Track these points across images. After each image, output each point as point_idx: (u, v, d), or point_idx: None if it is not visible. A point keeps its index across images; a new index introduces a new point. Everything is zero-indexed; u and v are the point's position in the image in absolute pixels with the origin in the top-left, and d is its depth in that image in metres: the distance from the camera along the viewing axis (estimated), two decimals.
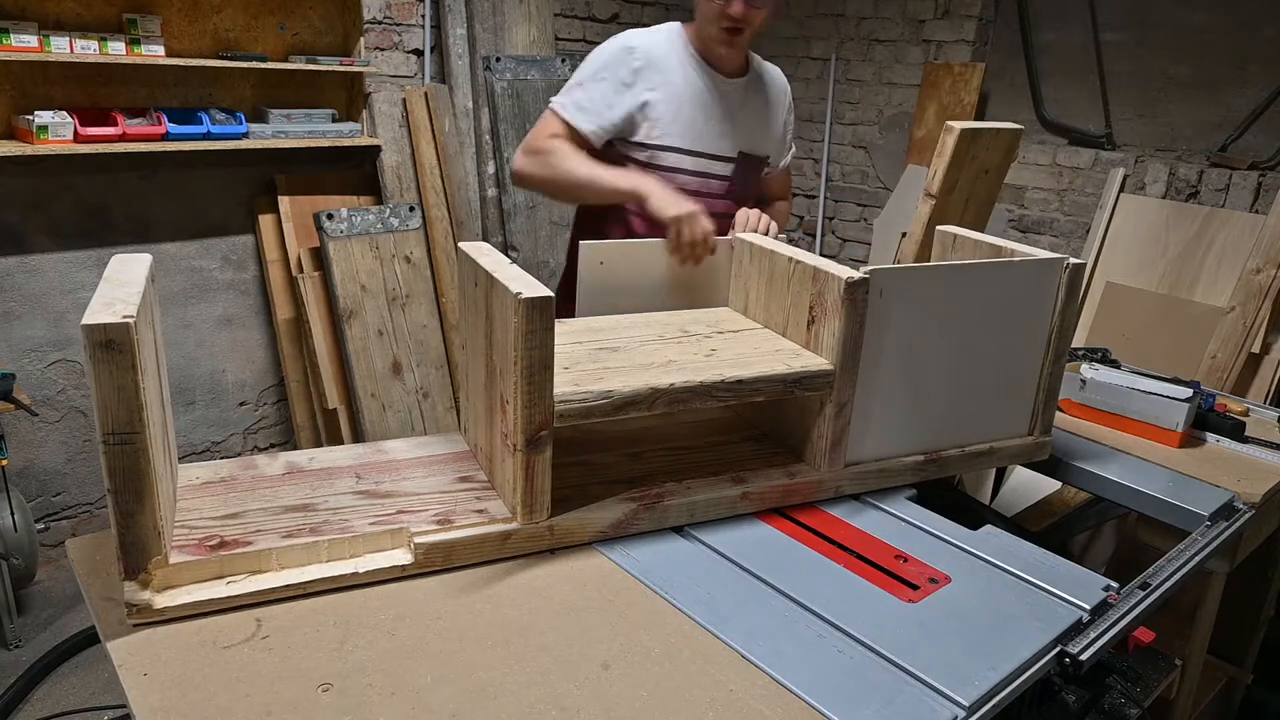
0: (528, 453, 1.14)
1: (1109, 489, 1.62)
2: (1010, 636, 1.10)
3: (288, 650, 0.98)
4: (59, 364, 3.02)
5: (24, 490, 2.93)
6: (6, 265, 2.86)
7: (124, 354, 0.91)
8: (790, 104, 2.06)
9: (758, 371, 1.29)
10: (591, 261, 1.54)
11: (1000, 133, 2.18)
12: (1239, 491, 1.57)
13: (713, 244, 1.58)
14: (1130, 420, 1.81)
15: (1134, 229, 3.49)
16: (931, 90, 4.16)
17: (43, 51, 2.60)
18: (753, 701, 0.96)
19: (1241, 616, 1.98)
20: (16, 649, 2.64)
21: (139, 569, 0.99)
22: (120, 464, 0.94)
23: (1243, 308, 2.96)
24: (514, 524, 1.18)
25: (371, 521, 1.15)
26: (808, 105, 4.77)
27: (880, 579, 1.20)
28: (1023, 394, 1.54)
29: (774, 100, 2.01)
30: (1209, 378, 2.96)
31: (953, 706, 0.97)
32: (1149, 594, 1.26)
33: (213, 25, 3.03)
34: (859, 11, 4.45)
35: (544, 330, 1.10)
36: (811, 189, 4.83)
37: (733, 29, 1.77)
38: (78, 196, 2.94)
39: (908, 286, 1.34)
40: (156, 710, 0.88)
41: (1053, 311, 1.49)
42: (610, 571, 1.18)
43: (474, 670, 0.97)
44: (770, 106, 2.00)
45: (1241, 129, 3.44)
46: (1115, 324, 3.39)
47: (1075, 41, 3.82)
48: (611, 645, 1.03)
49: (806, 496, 1.38)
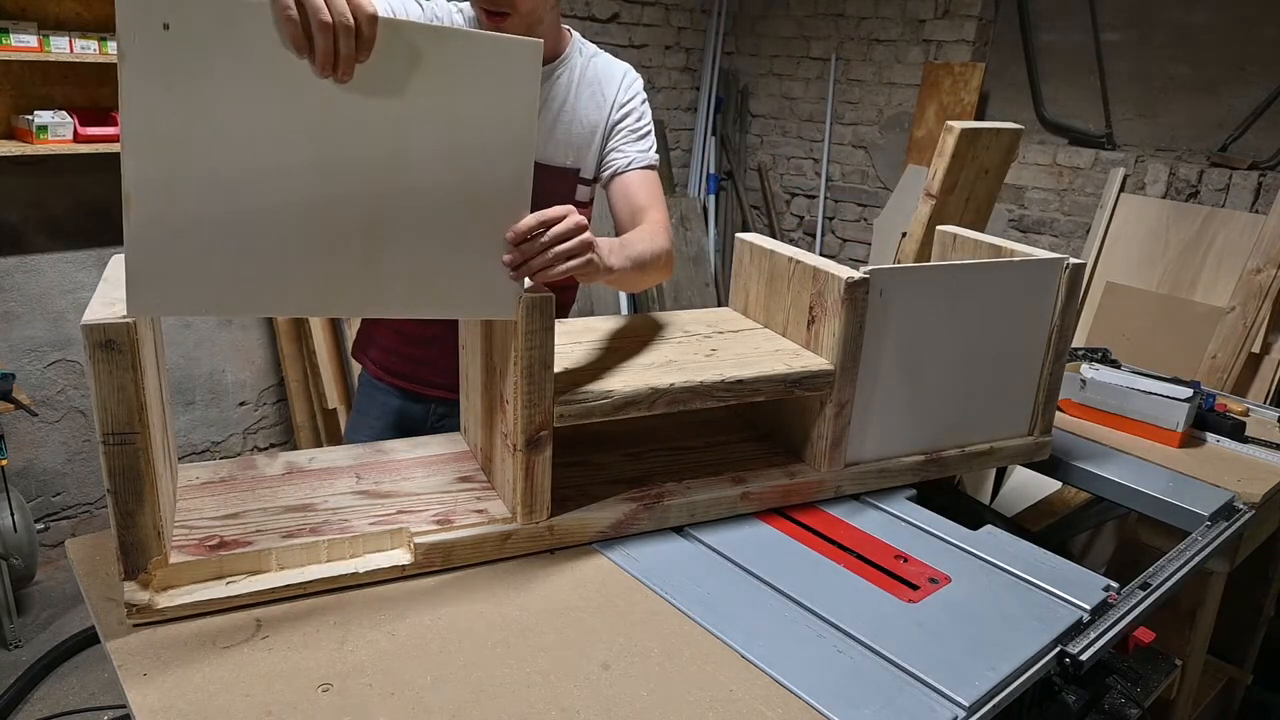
0: (528, 453, 1.14)
1: (1109, 489, 1.62)
2: (1010, 636, 1.10)
3: (288, 650, 0.98)
4: (59, 364, 3.02)
5: (24, 490, 2.93)
6: (6, 265, 2.86)
7: (124, 354, 0.91)
8: (621, 101, 1.60)
9: (758, 371, 1.29)
10: (141, 19, 0.84)
11: (1000, 133, 2.18)
12: (1239, 491, 1.57)
13: (366, 26, 0.92)
14: (1130, 420, 1.81)
15: (1134, 229, 3.49)
16: (931, 90, 4.17)
17: (43, 51, 2.60)
18: (753, 701, 0.95)
19: (1241, 616, 1.98)
20: (16, 649, 2.64)
21: (139, 569, 0.99)
22: (120, 464, 0.94)
23: (1243, 308, 2.96)
24: (514, 524, 1.18)
25: (371, 521, 1.15)
26: (808, 105, 4.78)
27: (880, 579, 1.20)
28: (1023, 394, 1.54)
29: (585, 99, 1.59)
30: (1209, 378, 2.96)
31: (953, 707, 0.97)
32: (1149, 594, 1.26)
33: None
34: (859, 11, 4.45)
35: (544, 330, 1.10)
36: (811, 189, 4.83)
37: (493, 13, 1.41)
38: (78, 196, 2.95)
39: (908, 286, 1.34)
40: (156, 710, 0.88)
41: (1053, 311, 1.49)
42: (610, 571, 1.18)
43: (474, 670, 0.97)
44: (577, 106, 1.58)
45: (1241, 129, 3.44)
46: (1115, 324, 3.39)
47: (1075, 41, 3.82)
48: (611, 645, 1.03)
49: (806, 496, 1.38)
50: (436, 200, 1.02)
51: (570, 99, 1.57)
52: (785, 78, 4.84)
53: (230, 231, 0.93)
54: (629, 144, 1.60)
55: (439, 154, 1.00)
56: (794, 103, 4.84)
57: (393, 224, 1.01)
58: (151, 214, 0.89)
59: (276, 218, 0.95)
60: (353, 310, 1.06)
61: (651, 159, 1.61)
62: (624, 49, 4.51)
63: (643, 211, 1.54)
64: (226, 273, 0.95)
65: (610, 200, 1.61)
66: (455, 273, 1.07)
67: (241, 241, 0.94)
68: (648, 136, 1.62)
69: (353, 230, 0.99)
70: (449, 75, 0.98)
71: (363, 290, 1.03)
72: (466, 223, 1.05)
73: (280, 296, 1.00)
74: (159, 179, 0.89)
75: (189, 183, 0.90)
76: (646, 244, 1.41)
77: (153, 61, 0.84)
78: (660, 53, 4.71)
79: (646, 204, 1.55)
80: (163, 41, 0.83)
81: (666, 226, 1.52)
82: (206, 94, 0.88)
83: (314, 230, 0.97)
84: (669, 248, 1.48)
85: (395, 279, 1.04)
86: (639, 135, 1.61)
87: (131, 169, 0.88)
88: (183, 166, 0.89)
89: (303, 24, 0.89)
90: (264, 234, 0.95)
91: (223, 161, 0.91)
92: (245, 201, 0.93)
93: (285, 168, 0.94)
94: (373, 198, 0.99)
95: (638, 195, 1.57)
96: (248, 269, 0.96)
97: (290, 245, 0.97)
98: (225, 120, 0.90)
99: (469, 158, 1.02)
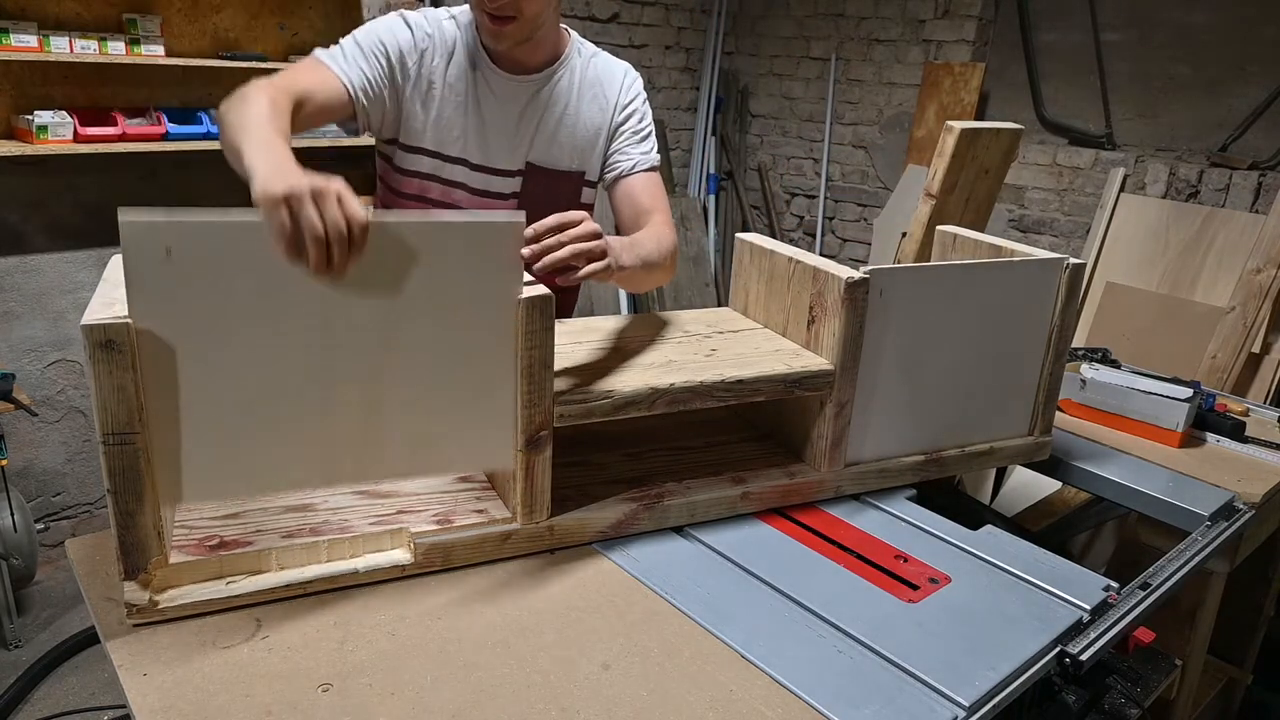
0: (528, 453, 1.14)
1: (1109, 489, 1.62)
2: (1010, 636, 1.10)
3: (288, 650, 0.98)
4: (59, 364, 3.02)
5: (24, 490, 2.93)
6: (6, 265, 2.86)
7: (124, 354, 0.91)
8: (623, 103, 1.61)
9: (758, 371, 1.29)
10: (145, 247, 0.89)
11: (1000, 133, 2.18)
12: (1239, 491, 1.57)
13: (358, 233, 0.94)
14: (1130, 420, 1.81)
15: (1134, 229, 3.49)
16: (931, 90, 4.17)
17: (43, 51, 2.60)
18: (753, 701, 0.95)
19: (1241, 616, 1.98)
20: (16, 649, 2.64)
21: (139, 569, 0.99)
22: (120, 464, 0.94)
23: (1243, 308, 2.96)
24: (514, 524, 1.18)
25: (371, 521, 1.15)
26: (808, 105, 4.78)
27: (880, 579, 1.20)
28: (1023, 394, 1.53)
29: (587, 101, 1.58)
30: (1209, 378, 2.96)
31: (953, 706, 0.97)
32: (1149, 594, 1.26)
33: (212, 25, 3.03)
34: (859, 11, 4.45)
35: (544, 330, 1.10)
36: (811, 189, 4.83)
37: (499, 17, 1.39)
38: (78, 196, 2.94)
39: (908, 286, 1.34)
40: (156, 710, 0.88)
41: (1053, 311, 1.49)
42: (610, 571, 1.18)
43: (474, 670, 0.97)
44: (580, 109, 1.57)
45: (1241, 129, 3.44)
46: (1115, 324, 3.39)
47: (1075, 41, 3.82)
48: (611, 645, 1.03)
49: (806, 496, 1.38)
50: (431, 370, 1.08)
51: (572, 102, 1.57)
52: (785, 78, 4.84)
53: (239, 425, 1.00)
54: (632, 146, 1.60)
55: (431, 329, 1.06)
56: (794, 103, 4.84)
57: (391, 398, 1.06)
58: (170, 419, 0.96)
59: (281, 407, 1.01)
60: (357, 479, 1.11)
61: (654, 160, 1.62)
62: (624, 49, 4.51)
63: (647, 214, 1.55)
64: (237, 462, 1.02)
65: (613, 202, 1.61)
66: (454, 433, 1.12)
67: (250, 433, 1.01)
68: (649, 137, 1.63)
69: (353, 407, 1.05)
70: (436, 260, 1.03)
71: (366, 461, 1.08)
72: (460, 387, 1.10)
73: (287, 476, 1.06)
74: (171, 389, 0.96)
75: (201, 388, 0.97)
76: (654, 244, 1.42)
77: (157, 284, 0.91)
78: (660, 53, 4.71)
79: (650, 206, 1.56)
80: (165, 266, 0.90)
81: (672, 228, 1.53)
82: (210, 306, 0.94)
83: (316, 412, 1.03)
84: (674, 249, 1.50)
85: (396, 446, 1.09)
86: (641, 136, 1.61)
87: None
88: (193, 375, 0.96)
89: (296, 236, 0.92)
90: (271, 424, 1.01)
91: (229, 365, 0.97)
92: (251, 396, 1.00)
93: (287, 362, 1.00)
94: (370, 376, 1.04)
95: (641, 198, 1.57)
96: (256, 456, 1.02)
97: (295, 429, 1.03)
98: (229, 328, 0.96)
99: (459, 329, 1.08)
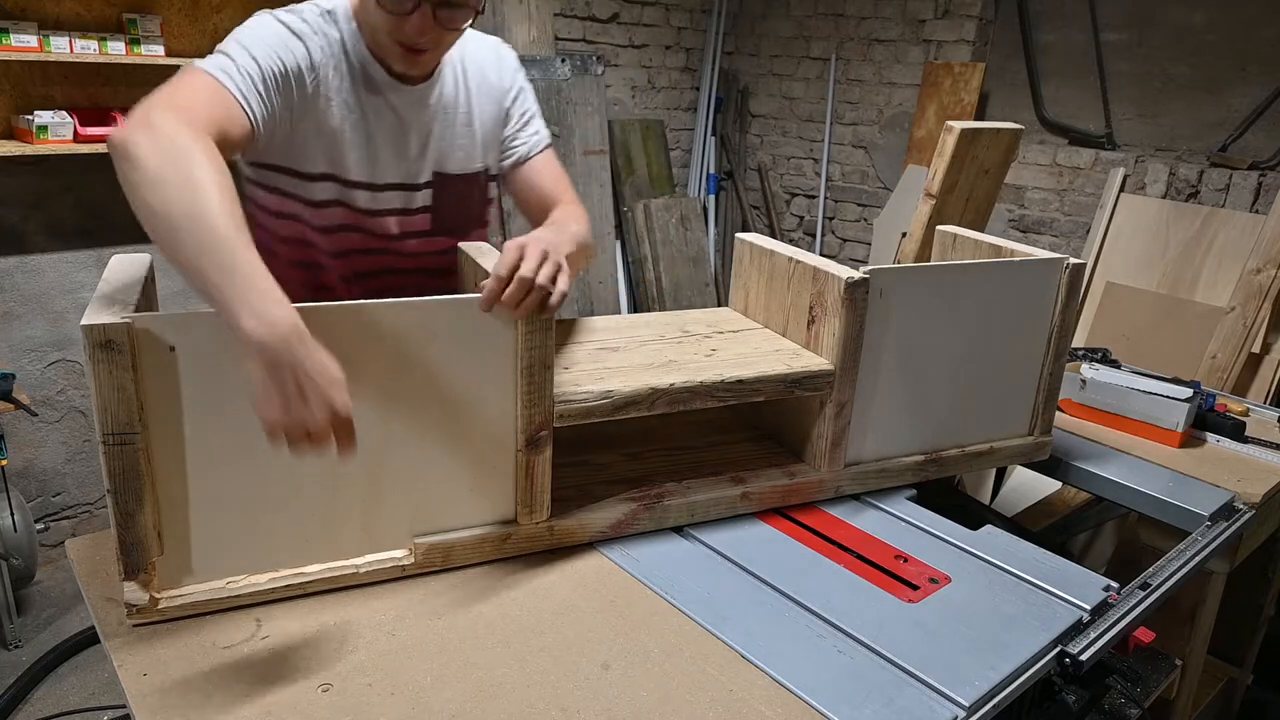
0: (528, 453, 1.14)
1: (1109, 489, 1.62)
2: (1010, 636, 1.10)
3: (288, 650, 0.98)
4: (59, 364, 3.02)
5: (24, 490, 2.93)
6: (6, 265, 2.86)
7: (124, 354, 0.91)
8: (509, 87, 1.49)
9: (758, 371, 1.29)
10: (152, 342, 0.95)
11: (1000, 133, 2.18)
12: (1239, 491, 1.57)
13: (344, 431, 0.93)
14: (1130, 420, 1.81)
15: (1134, 229, 3.48)
16: (931, 90, 4.16)
17: (43, 51, 2.60)
18: (753, 701, 0.95)
19: (1241, 616, 1.98)
20: (16, 649, 2.64)
21: (139, 569, 0.99)
22: (120, 464, 0.94)
23: (1243, 308, 2.96)
24: (514, 524, 1.18)
25: None
26: (808, 105, 4.77)
27: (880, 579, 1.20)
28: (1023, 394, 1.53)
29: (479, 96, 1.46)
30: (1209, 378, 2.96)
31: (953, 706, 0.97)
32: (1149, 594, 1.26)
33: (212, 25, 3.03)
34: (859, 11, 4.45)
35: (544, 330, 1.10)
36: (811, 189, 4.83)
37: (413, 50, 1.27)
38: (78, 196, 2.94)
39: (908, 286, 1.34)
40: (156, 710, 0.88)
41: (1053, 311, 1.49)
42: (610, 571, 1.18)
43: (474, 670, 0.97)
44: (473, 106, 1.45)
45: (1241, 129, 3.44)
46: (1115, 324, 3.39)
47: (1075, 41, 3.82)
48: (611, 645, 1.03)
49: (807, 496, 1.38)
50: (429, 441, 1.11)
51: (464, 101, 1.45)
52: (785, 78, 4.84)
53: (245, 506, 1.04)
54: (524, 129, 1.53)
55: (429, 409, 1.10)
56: (794, 103, 4.84)
57: (391, 472, 1.10)
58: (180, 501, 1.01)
59: (288, 488, 1.05)
60: (363, 550, 1.13)
61: (547, 138, 1.55)
62: (624, 49, 4.52)
63: (552, 195, 1.51)
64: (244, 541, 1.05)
65: (515, 188, 1.56)
66: (453, 494, 1.15)
67: (255, 513, 1.04)
68: (537, 116, 1.55)
69: (356, 481, 1.08)
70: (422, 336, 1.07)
71: (371, 532, 1.11)
72: (460, 453, 1.13)
73: (296, 553, 1.08)
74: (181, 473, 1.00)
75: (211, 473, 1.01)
76: (576, 224, 1.38)
77: (162, 377, 0.96)
78: (660, 53, 4.71)
79: (554, 186, 1.53)
80: (170, 360, 0.96)
81: (579, 202, 1.51)
82: (213, 397, 0.99)
83: (320, 490, 1.07)
84: (588, 222, 1.46)
85: (399, 514, 1.12)
86: (530, 116, 1.54)
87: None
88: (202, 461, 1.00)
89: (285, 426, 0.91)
90: (277, 505, 1.05)
91: (234, 450, 1.01)
92: (259, 478, 1.03)
93: None
94: (371, 453, 1.07)
95: (544, 181, 1.53)
96: (261, 534, 1.06)
97: (300, 507, 1.06)
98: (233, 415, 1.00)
99: (456, 396, 1.11)
